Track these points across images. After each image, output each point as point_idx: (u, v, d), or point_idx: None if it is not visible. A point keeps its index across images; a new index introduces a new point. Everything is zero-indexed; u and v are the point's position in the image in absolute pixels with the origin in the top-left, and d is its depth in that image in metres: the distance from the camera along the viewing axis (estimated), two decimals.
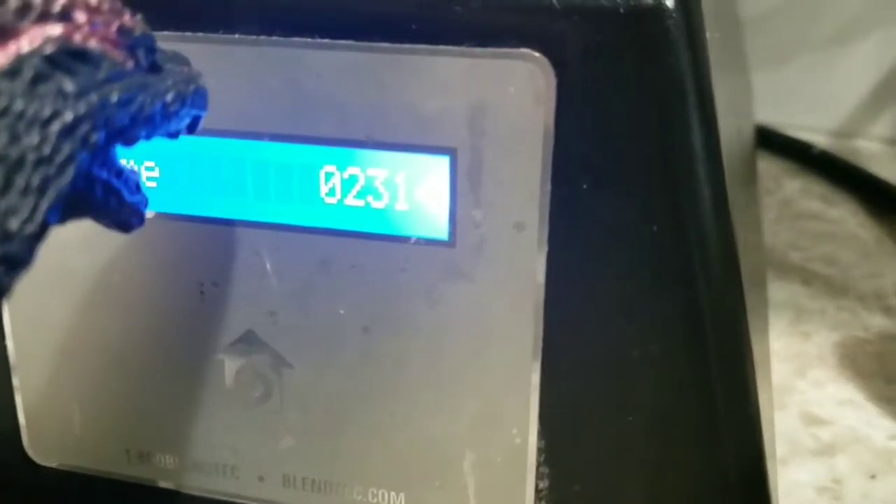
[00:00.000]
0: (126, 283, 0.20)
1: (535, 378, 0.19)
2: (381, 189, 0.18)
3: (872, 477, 0.26)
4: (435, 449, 0.20)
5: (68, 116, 0.11)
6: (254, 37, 0.18)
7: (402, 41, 0.17)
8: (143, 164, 0.19)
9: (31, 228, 0.11)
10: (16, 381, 0.22)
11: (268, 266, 0.19)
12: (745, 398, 0.18)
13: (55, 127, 0.11)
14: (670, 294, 0.17)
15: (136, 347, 0.20)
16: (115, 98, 0.12)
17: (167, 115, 0.14)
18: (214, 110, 0.18)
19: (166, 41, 0.18)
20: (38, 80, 0.11)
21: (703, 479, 0.19)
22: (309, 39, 0.17)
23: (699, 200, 0.17)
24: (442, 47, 0.17)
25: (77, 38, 0.12)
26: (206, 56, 0.18)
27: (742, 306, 0.18)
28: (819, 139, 0.49)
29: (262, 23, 0.17)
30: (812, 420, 0.28)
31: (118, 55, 0.13)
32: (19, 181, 0.11)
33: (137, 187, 0.14)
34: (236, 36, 0.18)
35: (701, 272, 0.17)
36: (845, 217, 0.42)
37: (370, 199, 0.18)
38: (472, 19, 0.16)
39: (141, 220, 0.15)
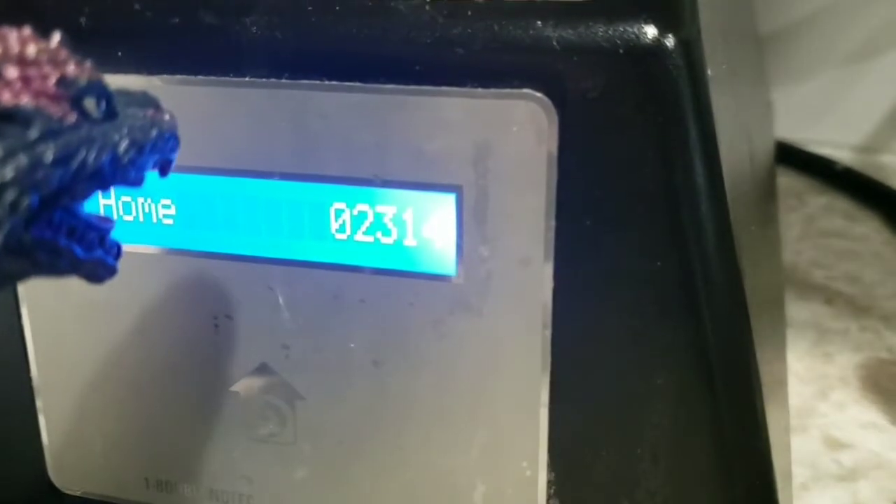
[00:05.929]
0: (144, 315, 0.20)
1: (544, 411, 0.19)
2: (390, 225, 0.18)
3: None
4: (445, 480, 0.20)
5: None
6: (263, 79, 0.18)
7: (407, 83, 0.17)
8: (160, 202, 0.19)
9: None
10: (39, 404, 0.22)
11: (280, 300, 0.19)
12: (755, 429, 0.18)
13: None
14: (676, 328, 0.17)
15: (154, 378, 0.21)
16: (49, 158, 0.11)
17: (120, 165, 0.13)
18: (227, 150, 0.19)
19: (179, 84, 0.19)
20: None
21: None
22: (317, 81, 0.18)
23: (703, 236, 0.17)
24: (446, 88, 0.17)
25: (6, 96, 0.11)
26: (219, 98, 0.18)
27: (749, 338, 0.18)
28: (843, 155, 0.48)
29: (272, 66, 0.18)
30: (834, 444, 0.28)
31: (57, 109, 0.12)
32: None
33: (101, 240, 0.13)
34: (247, 78, 0.18)
35: (706, 306, 0.17)
36: (869, 235, 0.41)
37: (379, 234, 0.18)
38: (474, 61, 0.17)
39: (110, 272, 0.14)
